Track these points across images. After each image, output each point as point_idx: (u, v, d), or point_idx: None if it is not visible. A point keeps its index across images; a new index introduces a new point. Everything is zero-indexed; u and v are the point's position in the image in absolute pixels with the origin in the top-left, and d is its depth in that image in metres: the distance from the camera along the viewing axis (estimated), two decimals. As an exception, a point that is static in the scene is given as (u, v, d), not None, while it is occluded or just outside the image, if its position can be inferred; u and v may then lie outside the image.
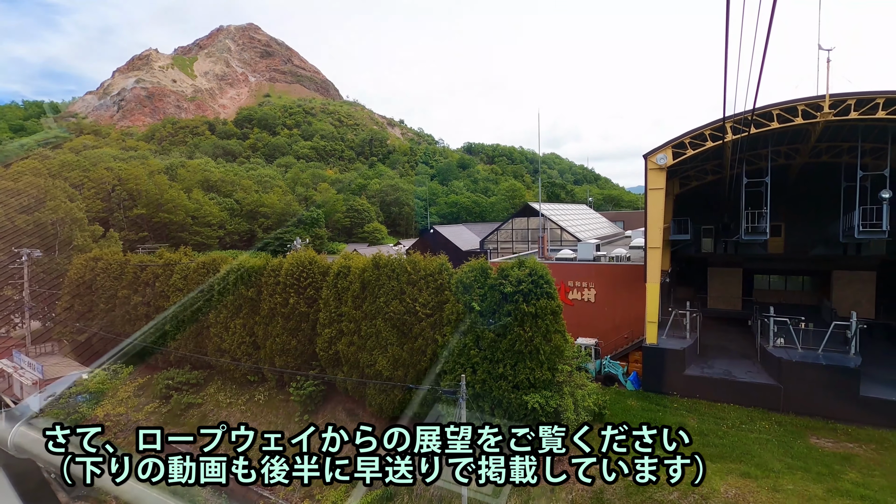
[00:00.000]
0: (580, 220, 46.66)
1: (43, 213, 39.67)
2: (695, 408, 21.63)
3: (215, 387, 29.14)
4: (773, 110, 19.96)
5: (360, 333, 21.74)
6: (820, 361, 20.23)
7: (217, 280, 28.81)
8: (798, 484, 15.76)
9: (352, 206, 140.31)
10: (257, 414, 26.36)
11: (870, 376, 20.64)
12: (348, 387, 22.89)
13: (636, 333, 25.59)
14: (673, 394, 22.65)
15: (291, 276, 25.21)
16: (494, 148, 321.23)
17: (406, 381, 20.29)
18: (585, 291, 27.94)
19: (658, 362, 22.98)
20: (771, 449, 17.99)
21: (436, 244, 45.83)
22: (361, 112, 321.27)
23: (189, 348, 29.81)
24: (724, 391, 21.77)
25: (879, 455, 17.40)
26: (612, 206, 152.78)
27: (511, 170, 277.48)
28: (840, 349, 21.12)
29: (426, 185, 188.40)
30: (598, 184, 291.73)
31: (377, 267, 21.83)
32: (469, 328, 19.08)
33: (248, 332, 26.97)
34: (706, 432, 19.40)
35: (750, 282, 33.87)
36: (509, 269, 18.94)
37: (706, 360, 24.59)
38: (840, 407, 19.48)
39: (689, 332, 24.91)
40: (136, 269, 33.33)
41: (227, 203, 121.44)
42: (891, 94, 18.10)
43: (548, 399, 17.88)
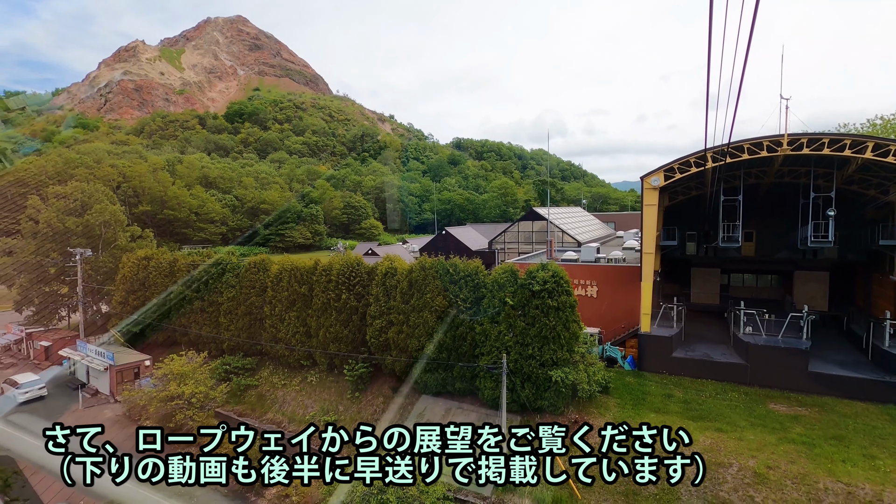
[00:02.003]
0: (577, 223, 51.73)
1: (91, 216, 43.20)
2: (680, 383, 26.71)
3: (268, 371, 33.45)
4: (745, 144, 24.97)
5: (409, 323, 26.29)
6: (779, 345, 25.42)
7: (270, 278, 33.07)
8: (757, 435, 20.87)
9: (349, 203, 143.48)
10: (311, 393, 30.80)
11: (817, 356, 25.95)
12: (396, 368, 27.45)
13: (632, 323, 30.63)
14: (663, 372, 27.69)
15: (343, 275, 29.63)
16: (483, 144, 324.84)
17: (450, 361, 24.97)
18: (589, 288, 32.90)
19: (651, 347, 27.99)
20: (738, 412, 23.12)
21: (447, 244, 50.43)
22: (352, 107, 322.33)
23: (243, 337, 34.02)
24: (703, 369, 26.88)
25: (820, 415, 22.63)
26: (600, 204, 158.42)
27: (500, 166, 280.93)
28: (795, 335, 26.35)
29: (419, 181, 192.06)
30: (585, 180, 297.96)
31: (423, 269, 26.39)
32: (503, 318, 23.82)
33: (302, 322, 31.29)
34: (689, 401, 24.48)
35: (727, 280, 39.25)
36: (536, 272, 23.68)
37: (689, 345, 29.72)
38: (793, 380, 24.70)
39: (675, 323, 30.00)
40: (189, 268, 37.31)
41: (228, 200, 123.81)
42: (833, 135, 23.24)
43: (567, 374, 22.71)
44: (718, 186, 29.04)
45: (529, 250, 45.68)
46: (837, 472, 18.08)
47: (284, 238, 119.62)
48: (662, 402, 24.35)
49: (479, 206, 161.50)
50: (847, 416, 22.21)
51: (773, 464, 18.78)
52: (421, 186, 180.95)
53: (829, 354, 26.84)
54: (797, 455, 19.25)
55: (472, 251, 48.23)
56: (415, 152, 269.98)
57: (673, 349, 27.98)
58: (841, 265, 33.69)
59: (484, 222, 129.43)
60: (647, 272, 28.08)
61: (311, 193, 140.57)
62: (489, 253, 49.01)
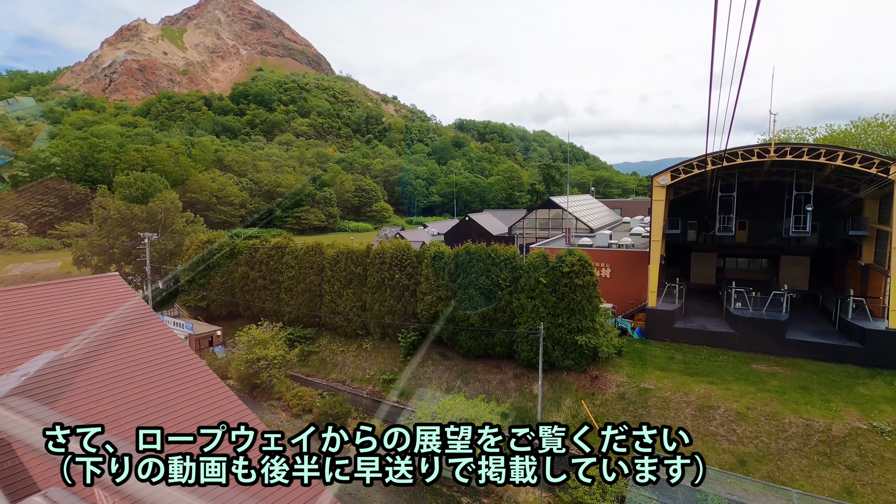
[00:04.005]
0: (589, 210, 56.82)
1: (154, 203, 48.12)
2: (680, 348, 32.17)
3: (326, 339, 38.93)
4: (739, 150, 29.92)
5: (457, 298, 31.61)
6: (762, 317, 30.79)
7: (328, 260, 38.24)
8: (741, 387, 26.36)
9: (360, 186, 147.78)
10: (367, 358, 36.30)
11: (794, 326, 31.37)
12: (444, 336, 32.85)
13: (640, 300, 35.98)
14: (666, 340, 33.12)
15: (395, 258, 34.84)
16: (486, 125, 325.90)
17: (492, 329, 30.38)
18: (603, 270, 38.16)
19: (656, 319, 33.37)
20: (727, 370, 28.60)
21: (469, 229, 55.49)
22: (356, 88, 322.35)
23: (303, 311, 39.37)
24: (699, 337, 32.30)
25: (792, 372, 28.12)
26: (603, 188, 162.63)
27: (504, 148, 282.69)
28: (777, 310, 31.72)
29: (426, 164, 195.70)
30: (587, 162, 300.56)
31: (468, 253, 31.57)
32: (537, 294, 29.11)
33: (358, 298, 36.61)
34: (687, 362, 29.95)
35: (722, 263, 44.55)
36: (565, 256, 28.88)
37: (688, 317, 35.13)
38: (773, 346, 30.13)
39: (677, 299, 35.33)
40: (251, 250, 42.47)
41: (245, 183, 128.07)
42: (811, 145, 28.20)
43: (589, 339, 28.12)
44: (716, 184, 34.08)
45: (546, 235, 50.76)
46: (800, 411, 23.62)
47: (300, 220, 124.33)
48: (665, 363, 29.84)
49: (485, 189, 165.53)
50: (813, 372, 27.71)
51: (752, 406, 24.33)
52: (428, 170, 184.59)
53: (804, 325, 32.29)
54: (771, 400, 24.79)
55: (493, 236, 53.28)
56: (419, 134, 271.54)
57: (675, 321, 33.36)
58: (820, 251, 38.97)
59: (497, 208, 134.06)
60: (655, 257, 33.30)
61: (323, 177, 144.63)
62: (509, 237, 54.11)
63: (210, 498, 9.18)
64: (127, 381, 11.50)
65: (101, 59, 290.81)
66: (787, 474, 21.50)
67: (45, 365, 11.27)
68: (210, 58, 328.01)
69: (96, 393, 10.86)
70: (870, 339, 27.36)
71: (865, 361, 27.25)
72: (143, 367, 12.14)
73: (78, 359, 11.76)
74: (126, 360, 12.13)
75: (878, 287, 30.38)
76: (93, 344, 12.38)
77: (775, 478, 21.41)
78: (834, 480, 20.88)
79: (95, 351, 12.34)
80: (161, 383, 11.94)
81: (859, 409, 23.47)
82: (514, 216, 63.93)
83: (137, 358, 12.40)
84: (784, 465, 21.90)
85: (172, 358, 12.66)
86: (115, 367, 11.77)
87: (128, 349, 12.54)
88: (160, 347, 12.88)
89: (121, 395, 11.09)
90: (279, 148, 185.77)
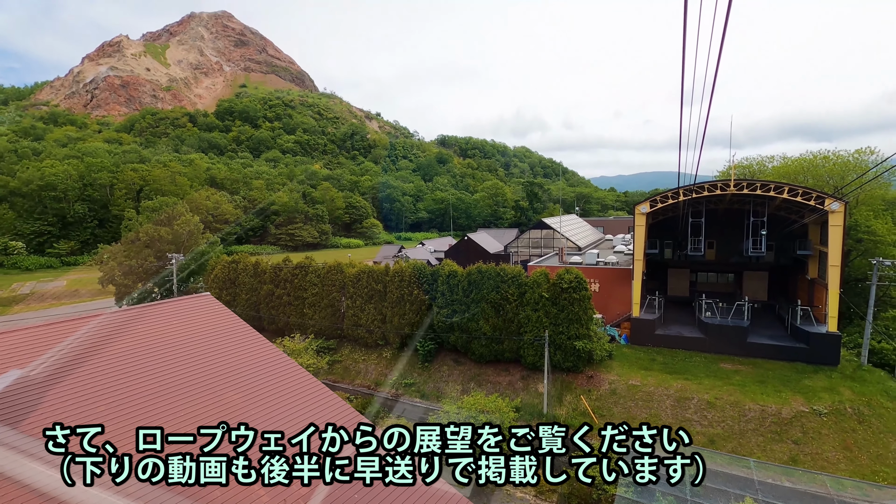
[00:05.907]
0: (576, 230, 62.70)
1: (179, 226, 51.93)
2: (660, 352, 37.64)
3: (348, 350, 43.27)
4: (706, 185, 35.91)
5: (470, 311, 36.55)
6: (728, 324, 36.53)
7: (350, 278, 42.75)
8: (711, 382, 31.84)
9: (350, 203, 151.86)
10: (388, 365, 40.77)
11: (754, 332, 37.21)
12: (458, 344, 37.64)
13: (625, 310, 41.50)
14: (648, 345, 38.56)
15: (413, 276, 39.66)
16: (467, 141, 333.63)
17: (501, 337, 35.34)
18: (592, 285, 43.65)
19: (640, 327, 38.84)
20: (699, 369, 34.11)
21: (468, 248, 60.63)
22: (340, 105, 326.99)
23: (326, 325, 43.67)
24: (676, 342, 37.84)
25: (753, 370, 33.76)
26: (583, 204, 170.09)
27: (486, 164, 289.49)
28: (739, 318, 37.53)
29: (412, 181, 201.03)
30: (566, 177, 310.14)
31: (480, 272, 36.60)
32: (541, 307, 34.26)
33: (378, 312, 41.16)
34: (666, 363, 35.39)
35: (694, 277, 50.62)
36: (563, 274, 34.17)
37: (667, 325, 40.74)
38: (737, 348, 35.80)
39: (657, 310, 40.93)
40: (275, 269, 46.67)
41: (237, 201, 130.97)
42: (763, 181, 34.37)
43: (586, 344, 33.32)
44: (688, 210, 40.07)
45: (539, 253, 56.21)
46: (758, 399, 29.16)
47: (294, 237, 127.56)
48: (648, 364, 35.22)
49: (470, 205, 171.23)
50: (769, 369, 33.43)
51: (719, 396, 29.80)
52: (414, 186, 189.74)
53: (763, 330, 38.20)
54: (734, 391, 30.31)
55: (490, 254, 58.49)
56: (402, 150, 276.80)
57: (655, 329, 38.90)
58: (776, 267, 45.34)
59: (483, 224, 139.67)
60: (637, 273, 38.91)
61: (314, 194, 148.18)
62: (504, 256, 59.39)
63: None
64: (248, 383, 13.97)
65: (82, 74, 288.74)
66: (746, 449, 26.89)
67: (189, 376, 13.26)
68: (193, 74, 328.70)
69: (223, 394, 13.24)
70: (814, 341, 33.27)
71: (810, 359, 33.11)
72: (259, 371, 14.62)
73: (211, 368, 14.00)
74: (245, 366, 14.55)
75: (821, 298, 36.47)
76: (216, 353, 14.93)
77: (738, 452, 26.79)
78: (783, 452, 26.36)
79: (218, 360, 14.61)
80: (271, 385, 14.17)
81: (804, 396, 29.15)
82: (507, 235, 69.38)
83: (252, 363, 14.79)
84: (745, 442, 27.32)
85: (276, 363, 15.62)
86: (238, 372, 14.05)
87: (242, 356, 14.98)
88: (264, 354, 15.79)
89: (246, 396, 13.42)
90: (267, 165, 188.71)
